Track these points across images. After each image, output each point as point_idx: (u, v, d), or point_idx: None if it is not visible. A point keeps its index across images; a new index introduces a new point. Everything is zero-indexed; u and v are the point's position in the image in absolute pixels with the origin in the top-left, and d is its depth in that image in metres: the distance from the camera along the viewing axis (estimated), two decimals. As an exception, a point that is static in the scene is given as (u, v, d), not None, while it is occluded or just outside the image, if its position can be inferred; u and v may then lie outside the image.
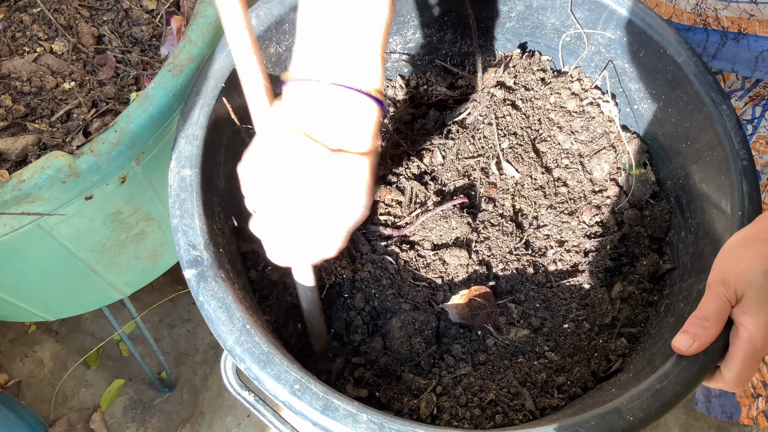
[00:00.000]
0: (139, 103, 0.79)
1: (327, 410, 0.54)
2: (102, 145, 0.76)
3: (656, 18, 0.78)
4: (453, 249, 0.76)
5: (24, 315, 1.06)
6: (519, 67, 0.90)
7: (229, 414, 1.46)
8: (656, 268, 0.76)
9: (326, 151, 0.51)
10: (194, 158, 0.66)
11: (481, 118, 0.86)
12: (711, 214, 0.71)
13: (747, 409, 1.06)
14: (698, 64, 0.75)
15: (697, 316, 0.57)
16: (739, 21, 0.87)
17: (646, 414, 0.54)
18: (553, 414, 0.66)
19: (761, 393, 1.00)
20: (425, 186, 0.82)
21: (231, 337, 0.57)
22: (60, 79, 0.84)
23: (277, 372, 0.55)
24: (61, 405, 1.45)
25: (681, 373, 0.56)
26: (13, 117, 0.80)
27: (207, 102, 0.69)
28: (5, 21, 0.87)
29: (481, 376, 0.69)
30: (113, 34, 0.89)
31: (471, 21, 0.88)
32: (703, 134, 0.73)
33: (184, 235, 0.62)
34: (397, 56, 0.93)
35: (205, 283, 0.60)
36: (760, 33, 0.88)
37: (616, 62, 0.85)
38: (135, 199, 0.90)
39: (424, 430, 0.53)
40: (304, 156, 0.52)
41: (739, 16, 0.88)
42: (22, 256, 0.86)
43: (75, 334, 1.53)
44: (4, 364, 1.49)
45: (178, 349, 1.53)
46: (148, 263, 1.06)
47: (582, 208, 0.81)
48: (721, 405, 1.16)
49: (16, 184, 0.72)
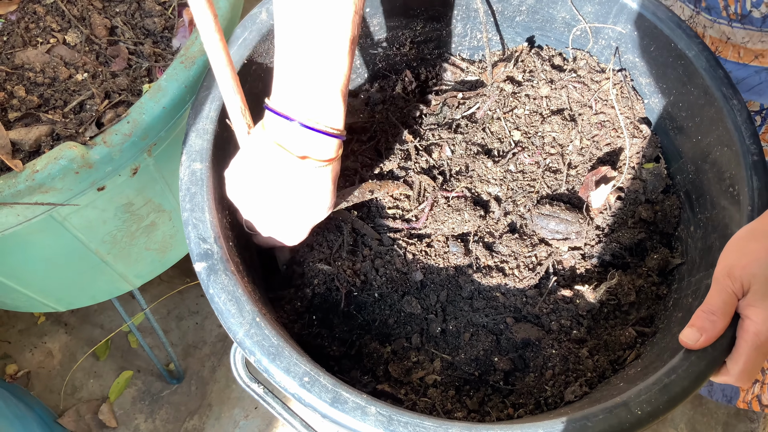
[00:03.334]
0: (151, 95, 0.79)
1: (336, 402, 0.54)
2: (115, 136, 0.77)
3: (667, 12, 0.78)
4: (464, 241, 0.77)
5: (35, 305, 1.07)
6: (528, 61, 0.90)
7: (237, 406, 1.46)
8: (666, 263, 0.76)
9: (294, 158, 0.62)
10: (205, 152, 0.67)
11: (490, 113, 0.86)
12: (720, 209, 0.71)
13: (744, 393, 1.07)
14: (709, 58, 0.74)
15: (703, 310, 0.57)
16: (718, 42, 0.88)
17: (654, 408, 0.54)
18: (561, 408, 0.66)
19: (759, 378, 1.01)
20: (434, 180, 0.82)
21: (241, 330, 0.57)
22: (73, 70, 0.85)
23: (287, 364, 0.56)
24: (70, 396, 1.46)
25: (689, 367, 0.56)
26: (26, 108, 0.80)
27: (217, 96, 0.70)
28: (19, 12, 0.88)
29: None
30: (126, 25, 0.90)
31: (481, 15, 0.88)
32: (713, 129, 0.73)
33: (194, 228, 0.62)
34: (406, 50, 0.93)
35: (215, 276, 0.60)
36: (730, 58, 0.89)
37: (627, 56, 0.85)
38: (146, 191, 0.91)
39: (432, 422, 0.54)
40: (276, 160, 0.63)
41: (719, 38, 0.89)
42: (35, 247, 0.87)
43: (84, 326, 1.54)
44: (14, 355, 1.51)
45: (186, 341, 1.54)
46: (158, 254, 1.07)
47: (593, 201, 0.81)
48: (722, 389, 1.16)
49: (30, 174, 0.73)
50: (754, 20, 0.83)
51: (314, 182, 0.65)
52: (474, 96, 0.88)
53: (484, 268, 0.76)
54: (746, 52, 0.88)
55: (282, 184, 0.64)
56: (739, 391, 1.10)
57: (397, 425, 0.53)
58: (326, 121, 0.62)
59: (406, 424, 0.53)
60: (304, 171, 0.63)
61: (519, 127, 0.85)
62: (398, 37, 0.91)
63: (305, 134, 0.61)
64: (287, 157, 0.62)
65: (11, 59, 0.84)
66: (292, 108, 0.61)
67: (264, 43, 0.76)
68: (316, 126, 0.61)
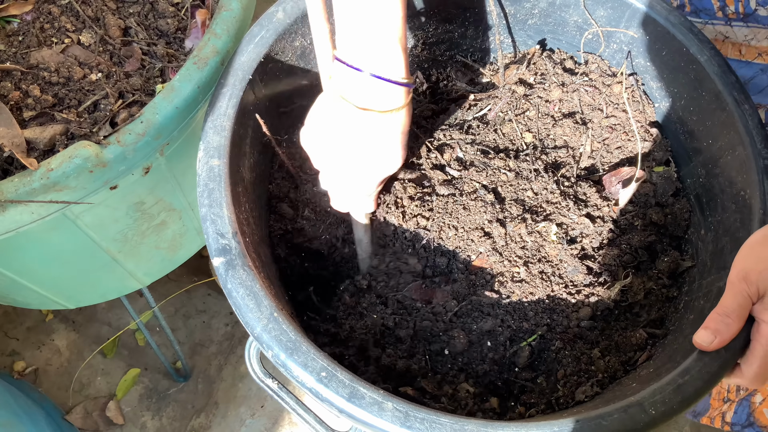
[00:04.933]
0: (164, 95, 0.80)
1: (353, 398, 0.55)
2: (128, 135, 0.78)
3: (679, 17, 0.78)
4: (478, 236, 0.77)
5: (45, 303, 1.08)
6: (540, 64, 0.91)
7: (244, 404, 1.47)
8: (676, 266, 0.77)
9: (356, 109, 0.64)
10: (222, 149, 0.67)
11: (501, 115, 0.87)
12: (731, 212, 0.71)
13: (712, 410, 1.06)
14: (721, 63, 0.75)
15: (718, 313, 0.57)
16: (714, 42, 0.89)
17: (668, 408, 0.55)
18: (572, 408, 0.66)
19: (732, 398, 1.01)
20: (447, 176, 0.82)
21: (259, 325, 0.58)
22: (87, 70, 0.85)
23: (305, 359, 0.56)
24: (77, 393, 1.47)
25: (703, 368, 0.57)
26: (41, 107, 0.81)
27: (235, 93, 0.70)
28: (34, 12, 0.88)
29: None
30: (139, 26, 0.90)
31: (493, 17, 0.88)
32: (724, 133, 0.73)
33: (212, 224, 0.63)
34: (418, 51, 0.93)
35: (233, 271, 0.61)
36: (731, 56, 0.89)
37: (638, 60, 0.86)
38: (157, 190, 0.91)
39: (449, 419, 0.54)
40: (341, 112, 0.65)
41: (715, 37, 0.89)
42: (47, 244, 0.87)
43: (91, 323, 1.55)
44: (22, 352, 1.52)
45: (193, 340, 1.54)
46: (167, 253, 1.07)
47: (603, 204, 0.81)
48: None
49: (45, 172, 0.74)
50: (761, 18, 0.84)
51: (379, 133, 0.66)
52: (486, 98, 0.88)
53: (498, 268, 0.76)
54: (748, 49, 0.89)
55: (348, 135, 0.65)
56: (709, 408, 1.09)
57: (413, 421, 0.54)
58: (389, 70, 0.63)
59: (423, 420, 0.54)
60: (368, 122, 0.65)
61: (530, 129, 0.86)
62: (410, 39, 0.92)
63: (371, 83, 0.63)
64: (349, 108, 0.64)
65: (26, 59, 0.84)
66: (357, 59, 0.62)
67: (280, 42, 0.76)
68: (381, 75, 0.62)
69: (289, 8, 0.76)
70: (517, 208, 0.79)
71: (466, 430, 0.53)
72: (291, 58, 0.79)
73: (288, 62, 0.80)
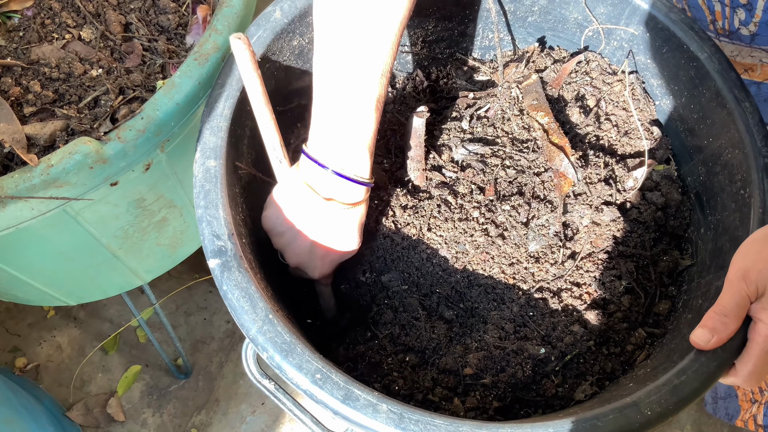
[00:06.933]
0: (165, 91, 0.80)
1: (347, 400, 0.55)
2: (129, 131, 0.78)
3: (679, 14, 0.78)
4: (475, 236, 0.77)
5: (46, 299, 1.08)
6: (540, 61, 0.90)
7: (244, 402, 1.47)
8: (676, 264, 0.76)
9: (320, 198, 0.68)
10: (219, 149, 0.67)
11: (501, 113, 0.87)
12: (731, 211, 0.71)
13: (744, 413, 1.07)
14: (721, 61, 0.74)
15: (715, 311, 0.57)
16: None
17: (664, 409, 0.54)
18: (570, 408, 0.66)
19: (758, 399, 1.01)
20: (445, 177, 0.82)
21: (254, 326, 0.58)
22: (88, 65, 0.85)
23: (299, 361, 0.56)
24: (78, 389, 1.47)
25: (699, 368, 0.56)
26: (41, 102, 0.81)
27: (232, 94, 0.70)
28: (35, 8, 0.88)
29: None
30: (140, 22, 0.90)
31: (493, 15, 0.88)
32: (724, 131, 0.73)
33: (208, 225, 0.63)
34: (418, 49, 0.93)
35: (228, 272, 0.60)
36: None
37: (639, 58, 0.85)
38: (158, 186, 0.91)
39: (443, 420, 0.54)
40: (305, 199, 0.69)
41: None
42: (48, 241, 0.88)
43: (93, 320, 1.56)
44: (24, 348, 1.52)
45: (194, 337, 1.54)
46: (168, 250, 1.07)
47: (603, 203, 0.81)
48: (726, 407, 1.18)
49: (45, 168, 0.74)
50: (743, 37, 0.84)
51: (339, 222, 0.70)
52: (485, 96, 0.88)
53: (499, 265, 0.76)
54: (735, 65, 0.88)
55: (309, 221, 0.70)
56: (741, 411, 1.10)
57: (408, 423, 0.54)
58: (354, 171, 0.68)
59: (417, 422, 0.54)
60: (330, 211, 0.69)
61: (529, 128, 0.85)
62: (409, 36, 0.91)
63: (335, 180, 0.68)
64: (315, 197, 0.68)
65: (27, 54, 0.85)
66: (325, 156, 0.67)
67: (278, 42, 0.76)
68: (344, 173, 0.67)
69: (287, 7, 0.76)
70: (517, 208, 0.79)
71: (460, 431, 0.53)
72: (289, 57, 0.79)
73: (285, 62, 0.79)
